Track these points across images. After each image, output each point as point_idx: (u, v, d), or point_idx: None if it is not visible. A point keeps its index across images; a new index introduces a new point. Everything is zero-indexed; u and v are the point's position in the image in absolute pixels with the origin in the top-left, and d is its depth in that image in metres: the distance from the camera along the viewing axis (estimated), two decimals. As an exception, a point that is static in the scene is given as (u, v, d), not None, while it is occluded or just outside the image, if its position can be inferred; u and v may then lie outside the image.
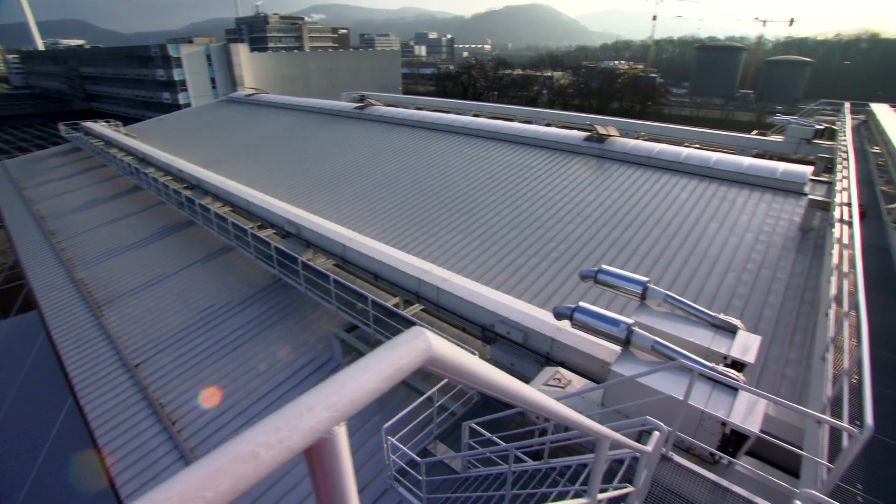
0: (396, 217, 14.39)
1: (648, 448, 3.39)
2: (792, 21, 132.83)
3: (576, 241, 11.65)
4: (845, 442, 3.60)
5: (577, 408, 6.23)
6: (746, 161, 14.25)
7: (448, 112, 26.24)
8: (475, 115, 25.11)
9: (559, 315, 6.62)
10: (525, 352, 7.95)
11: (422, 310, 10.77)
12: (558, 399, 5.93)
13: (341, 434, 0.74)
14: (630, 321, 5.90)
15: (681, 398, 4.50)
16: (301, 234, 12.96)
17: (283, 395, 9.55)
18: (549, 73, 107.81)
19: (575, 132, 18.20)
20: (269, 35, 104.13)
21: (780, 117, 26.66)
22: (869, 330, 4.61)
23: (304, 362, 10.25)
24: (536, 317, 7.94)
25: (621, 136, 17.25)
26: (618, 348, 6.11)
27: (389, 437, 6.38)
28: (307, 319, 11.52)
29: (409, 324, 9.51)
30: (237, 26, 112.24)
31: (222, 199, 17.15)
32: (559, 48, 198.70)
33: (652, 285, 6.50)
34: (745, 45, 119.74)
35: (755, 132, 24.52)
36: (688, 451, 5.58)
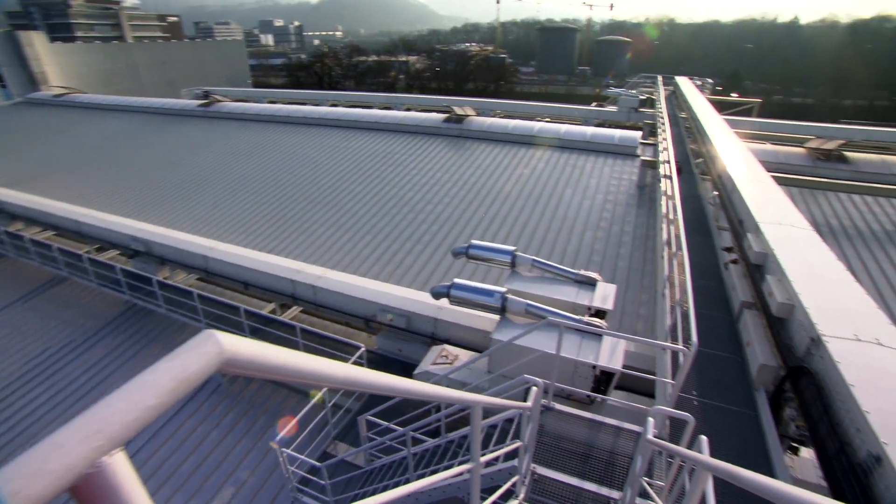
0: (261, 219, 13.46)
1: (528, 403, 3.63)
2: (612, 6, 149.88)
3: (446, 221, 11.99)
4: (681, 360, 4.21)
5: (467, 379, 6.49)
6: (590, 130, 15.86)
7: (304, 104, 25.06)
8: (333, 105, 24.37)
9: (437, 294, 6.76)
10: (410, 335, 8.03)
11: (301, 311, 10.29)
12: (447, 374, 6.12)
13: (117, 463, 0.62)
14: (503, 290, 6.24)
15: (554, 352, 4.88)
16: (152, 250, 11.48)
17: (161, 432, 8.50)
18: (404, 58, 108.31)
19: (434, 115, 18.60)
20: (74, 22, 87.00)
21: (611, 90, 30.03)
22: (691, 265, 5.44)
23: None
24: (417, 300, 8.04)
25: (478, 115, 18.05)
26: (496, 317, 6.44)
27: (284, 450, 6.03)
28: (175, 342, 10.27)
29: (289, 328, 9.05)
30: (24, 9, 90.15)
31: (41, 222, 14.47)
32: (412, 32, 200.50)
33: (519, 253, 6.92)
34: (578, 26, 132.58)
35: (594, 104, 27.37)
36: (568, 398, 6.13)
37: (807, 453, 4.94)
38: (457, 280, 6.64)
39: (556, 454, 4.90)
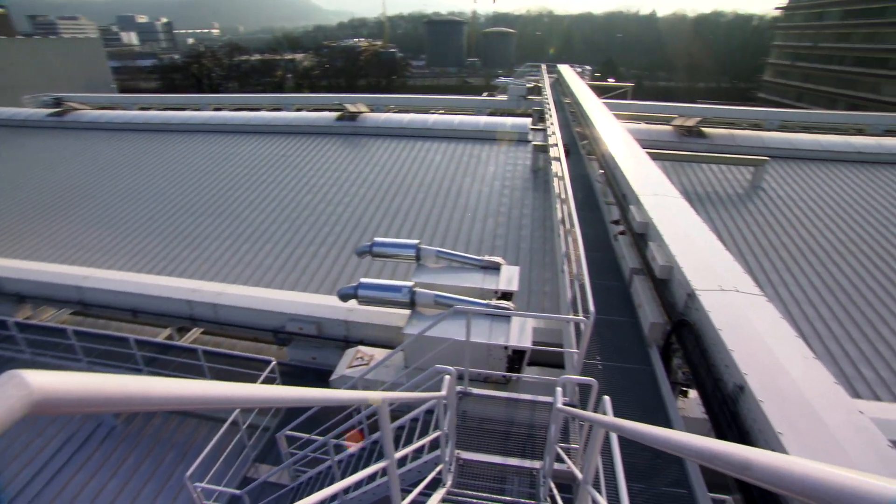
0: (146, 238, 12.19)
1: (442, 392, 3.66)
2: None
3: (349, 221, 11.73)
4: (583, 329, 4.51)
5: (385, 377, 6.42)
6: (483, 119, 16.35)
7: (184, 109, 23.02)
8: (216, 109, 22.66)
9: (344, 296, 6.59)
10: (323, 342, 7.77)
11: (202, 333, 9.53)
12: (363, 376, 6.00)
13: None
14: (410, 284, 6.24)
15: (464, 339, 4.97)
16: (3, 287, 9.90)
17: (41, 496, 7.41)
18: (290, 57, 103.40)
19: (326, 113, 18.05)
20: None
21: (501, 80, 31.15)
22: (584, 239, 5.82)
23: (64, 439, 8.11)
24: (326, 304, 7.79)
25: (372, 111, 17.82)
26: (407, 311, 6.43)
27: (198, 484, 5.56)
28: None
29: (190, 353, 8.34)
30: None
31: None
32: (296, 29, 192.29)
33: (423, 246, 6.96)
34: (465, 19, 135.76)
35: (486, 94, 28.23)
36: (486, 380, 6.30)
37: (693, 394, 5.56)
38: (363, 280, 6.52)
39: (479, 437, 5.03)
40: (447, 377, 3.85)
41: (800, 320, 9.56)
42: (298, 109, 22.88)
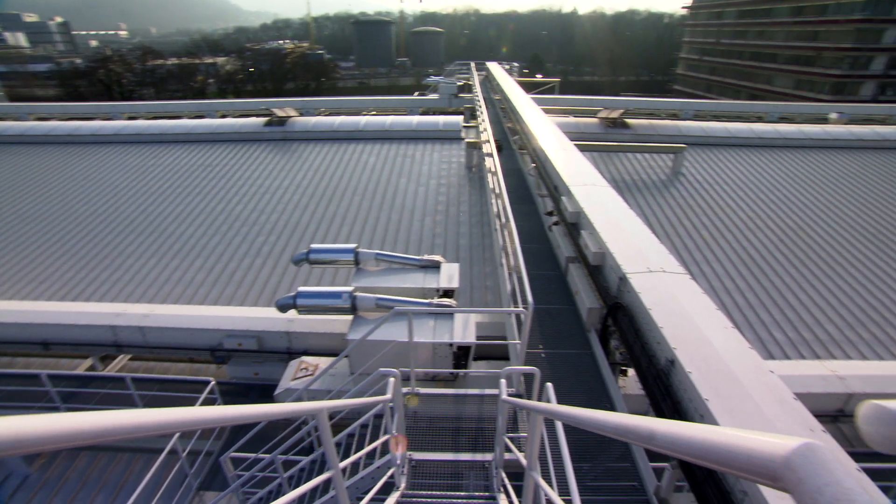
0: (55, 263, 11.13)
1: (388, 396, 3.62)
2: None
3: (284, 229, 11.33)
4: (523, 319, 4.61)
5: (331, 386, 6.26)
6: (415, 119, 16.31)
7: (92, 118, 21.28)
8: (131, 118, 21.12)
9: (283, 307, 6.36)
10: (265, 356, 7.46)
11: (130, 359, 8.86)
12: (307, 387, 5.82)
13: None
14: (350, 289, 6.12)
15: (407, 340, 4.94)
16: None
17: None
18: (211, 60, 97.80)
19: (253, 119, 17.32)
20: None
21: (431, 79, 31.26)
22: (520, 232, 5.95)
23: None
24: (265, 317, 7.48)
25: (301, 115, 17.29)
26: (349, 317, 6.30)
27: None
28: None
29: (117, 382, 7.74)
30: None
31: None
32: (216, 31, 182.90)
33: (362, 249, 6.85)
34: (392, 19, 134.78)
35: (417, 93, 28.21)
36: (434, 379, 6.30)
37: (632, 372, 5.85)
38: (301, 288, 6.32)
39: (431, 436, 5.02)
40: (391, 380, 3.80)
41: (721, 293, 10.31)
42: (223, 116, 21.82)
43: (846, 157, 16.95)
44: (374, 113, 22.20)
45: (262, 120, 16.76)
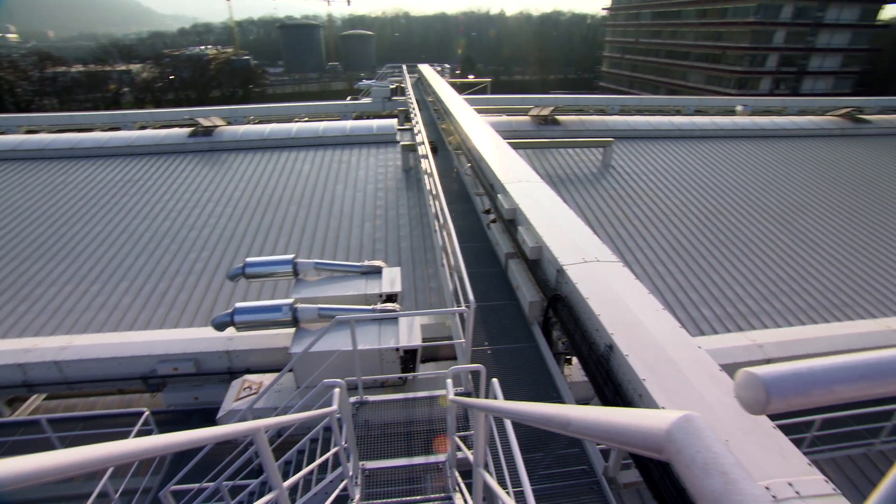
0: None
1: (333, 407, 3.53)
2: (349, 1, 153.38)
3: (217, 243, 10.79)
4: (466, 318, 4.65)
5: (277, 402, 6.03)
6: (349, 124, 16.07)
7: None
8: (29, 132, 19.28)
9: (220, 325, 6.06)
10: (204, 378, 7.06)
11: (46, 399, 8.10)
12: (251, 406, 5.57)
13: None
14: (290, 301, 5.92)
15: (350, 348, 4.85)
16: None
17: None
18: (124, 67, 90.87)
19: (177, 130, 16.36)
20: None
21: (363, 83, 30.93)
22: (459, 231, 6.00)
23: None
24: (202, 338, 7.08)
25: (229, 124, 16.57)
26: (291, 330, 6.10)
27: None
28: None
29: (31, 427, 7.06)
30: None
31: None
32: (127, 36, 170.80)
33: (300, 259, 6.66)
34: (320, 22, 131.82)
35: (349, 98, 27.79)
36: (383, 385, 6.22)
37: (575, 361, 6.05)
38: (238, 304, 6.04)
39: (384, 443, 4.95)
40: (336, 390, 3.71)
41: (654, 277, 10.91)
42: (143, 127, 20.45)
43: (751, 145, 18.50)
44: (307, 119, 21.66)
45: (187, 130, 15.87)
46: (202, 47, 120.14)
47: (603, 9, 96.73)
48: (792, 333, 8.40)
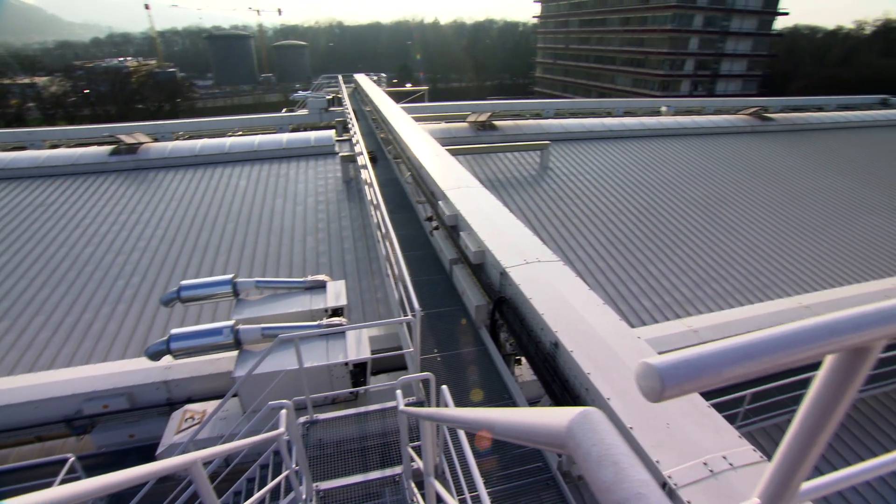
0: None
1: (280, 430, 3.40)
2: (280, 11, 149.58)
3: (149, 268, 10.15)
4: (412, 327, 4.64)
5: (223, 430, 5.75)
6: (286, 137, 15.64)
7: None
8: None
9: (154, 355, 5.70)
10: (140, 413, 6.60)
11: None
12: (193, 438, 5.27)
13: None
14: (231, 322, 5.67)
15: (297, 366, 4.71)
16: None
17: None
18: (28, 80, 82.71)
19: (96, 148, 15.26)
20: None
21: (299, 94, 30.30)
22: (403, 240, 5.98)
23: None
24: (135, 370, 6.62)
25: (155, 140, 15.68)
26: (235, 353, 5.84)
27: None
28: None
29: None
30: None
31: None
32: (29, 45, 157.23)
33: (240, 279, 6.40)
34: (251, 32, 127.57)
35: (285, 110, 27.10)
36: (335, 402, 6.08)
37: (524, 361, 6.18)
38: (174, 331, 5.71)
39: (337, 461, 4.83)
40: (283, 412, 3.58)
41: (595, 273, 11.36)
42: (54, 146, 18.92)
43: (676, 143, 19.75)
44: (241, 133, 20.90)
45: (108, 149, 14.85)
46: (121, 59, 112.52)
47: (534, 17, 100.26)
48: (723, 317, 9.02)
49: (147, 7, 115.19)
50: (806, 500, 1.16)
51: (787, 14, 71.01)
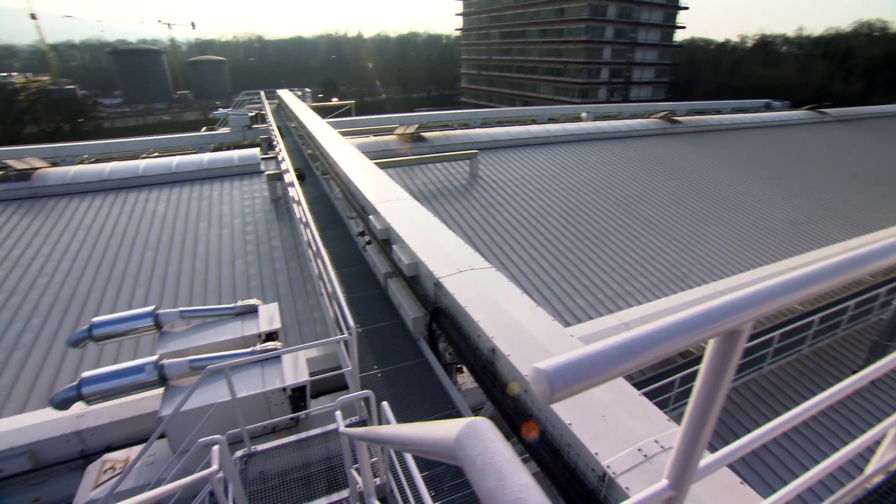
0: None
1: (213, 467, 3.21)
2: (194, 24, 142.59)
3: (53, 307, 9.19)
4: (350, 345, 4.56)
5: (150, 476, 5.32)
6: (207, 157, 14.87)
7: None
8: None
9: (62, 403, 5.19)
10: (47, 472, 5.95)
11: None
12: (114, 490, 4.83)
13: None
14: (154, 358, 5.29)
15: (230, 398, 4.48)
16: None
17: None
18: None
19: (-20, 177, 13.70)
20: None
21: (219, 111, 29.02)
22: (336, 256, 5.88)
23: None
24: (38, 423, 5.98)
25: (53, 165, 14.37)
26: (160, 390, 5.44)
27: None
28: None
29: None
30: None
31: None
32: None
33: (162, 310, 5.99)
34: (162, 47, 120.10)
35: (205, 129, 25.83)
36: (275, 430, 5.82)
37: (465, 369, 6.24)
38: (86, 374, 5.23)
39: (281, 492, 4.62)
40: (215, 448, 3.38)
41: (529, 276, 11.71)
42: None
43: (597, 146, 20.91)
44: (157, 154, 19.64)
45: (-5, 177, 13.38)
46: (4, 74, 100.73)
47: (456, 29, 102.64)
48: (650, 308, 9.62)
49: (34, 17, 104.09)
50: (704, 475, 1.28)
51: (684, 28, 78.52)
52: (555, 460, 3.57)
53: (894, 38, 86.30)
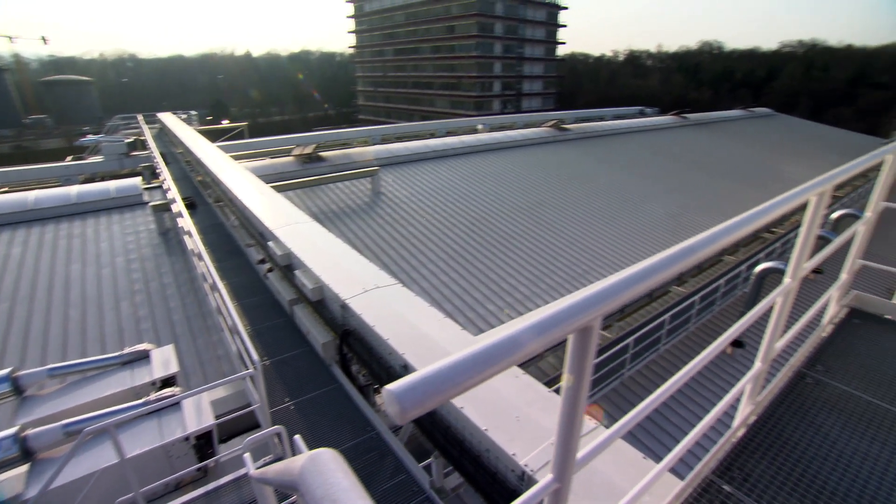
0: None
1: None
2: (45, 39, 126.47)
3: None
4: (255, 380, 4.34)
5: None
6: (76, 189, 13.27)
7: None
8: None
9: None
10: None
11: None
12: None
13: None
14: (13, 430, 4.59)
15: (117, 460, 4.03)
16: None
17: None
18: None
19: None
20: None
21: (89, 138, 26.19)
22: (236, 286, 5.55)
23: None
24: None
25: None
26: (23, 468, 4.72)
27: None
28: None
29: None
30: None
31: None
32: None
33: (22, 372, 5.23)
34: (4, 64, 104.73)
35: (70, 158, 23.07)
36: (179, 486, 5.31)
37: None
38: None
39: (188, 555, 4.22)
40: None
41: (439, 287, 11.89)
42: None
43: (495, 156, 21.90)
44: (6, 190, 17.19)
45: None
46: None
47: (350, 47, 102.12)
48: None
49: None
50: (583, 465, 1.41)
51: (564, 43, 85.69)
52: (476, 468, 3.66)
53: (729, 56, 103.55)
